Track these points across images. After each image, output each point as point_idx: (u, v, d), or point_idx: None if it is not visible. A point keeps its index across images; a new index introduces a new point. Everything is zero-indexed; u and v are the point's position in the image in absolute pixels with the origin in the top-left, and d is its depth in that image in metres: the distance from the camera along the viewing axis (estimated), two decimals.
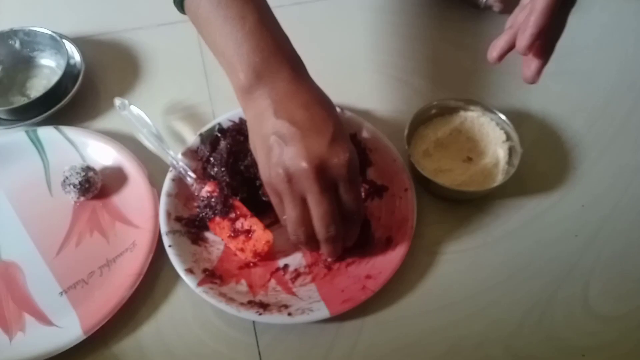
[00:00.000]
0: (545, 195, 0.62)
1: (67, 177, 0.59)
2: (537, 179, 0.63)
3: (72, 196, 0.59)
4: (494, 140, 0.62)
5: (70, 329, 0.52)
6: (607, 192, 0.63)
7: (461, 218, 0.61)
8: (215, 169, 0.59)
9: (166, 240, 0.56)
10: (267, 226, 0.58)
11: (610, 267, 0.58)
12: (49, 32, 0.69)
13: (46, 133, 0.64)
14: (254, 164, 0.58)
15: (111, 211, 0.61)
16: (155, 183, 0.60)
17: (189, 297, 0.55)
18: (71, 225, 0.60)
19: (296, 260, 0.57)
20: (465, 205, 0.61)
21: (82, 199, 0.60)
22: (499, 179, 0.60)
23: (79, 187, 0.58)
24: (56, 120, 0.66)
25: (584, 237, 0.60)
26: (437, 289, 0.56)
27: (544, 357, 0.53)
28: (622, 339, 0.54)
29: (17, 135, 0.64)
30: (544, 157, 0.65)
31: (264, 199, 0.58)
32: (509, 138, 0.62)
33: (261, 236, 0.56)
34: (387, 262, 0.55)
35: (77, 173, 0.59)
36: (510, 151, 0.61)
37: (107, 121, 0.68)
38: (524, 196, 0.62)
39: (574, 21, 0.78)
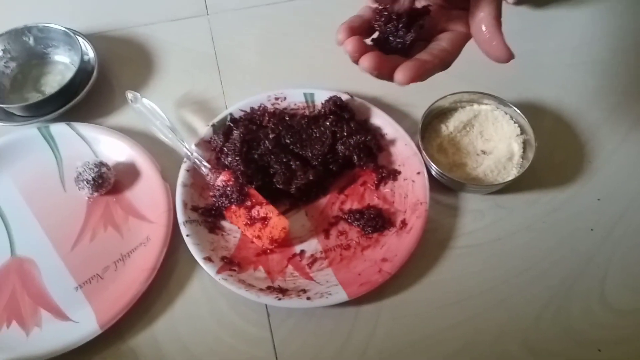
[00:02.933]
0: (560, 189, 0.62)
1: (80, 173, 0.59)
2: (552, 173, 0.63)
3: (85, 192, 0.60)
4: (508, 133, 0.62)
5: (86, 324, 0.53)
6: (623, 185, 0.62)
7: (475, 212, 0.60)
8: (229, 159, 0.60)
9: (184, 230, 0.56)
10: (283, 213, 0.58)
11: (627, 261, 0.57)
12: (63, 29, 0.69)
13: (59, 129, 0.64)
14: (267, 152, 0.59)
15: (124, 206, 0.61)
16: (167, 178, 0.61)
17: (204, 291, 0.56)
18: (85, 220, 0.60)
19: (312, 246, 0.58)
20: (479, 199, 0.61)
21: (95, 194, 0.60)
22: (514, 172, 0.59)
23: (92, 182, 0.59)
24: (70, 116, 0.66)
25: (600, 231, 0.59)
26: (452, 283, 0.56)
27: (560, 351, 0.52)
28: (639, 333, 0.53)
29: (29, 131, 0.64)
30: (558, 151, 0.64)
31: (279, 186, 0.59)
32: (523, 131, 0.61)
33: (277, 223, 0.57)
34: (402, 245, 0.56)
35: (90, 169, 0.59)
36: (525, 145, 0.61)
37: (120, 117, 0.68)
38: (538, 190, 0.62)
39: (589, 10, 0.77)
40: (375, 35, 0.44)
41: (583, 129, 0.66)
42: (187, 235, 0.56)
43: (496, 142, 0.62)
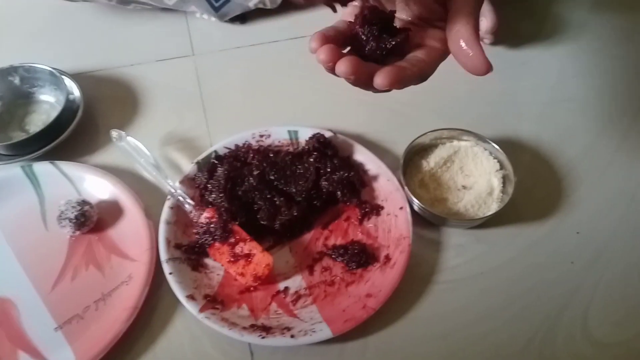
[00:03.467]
0: (540, 223, 0.63)
1: (62, 212, 0.59)
2: (531, 207, 0.64)
3: (67, 230, 0.59)
4: (487, 169, 0.63)
5: None
6: (601, 219, 0.63)
7: (457, 247, 0.61)
8: (213, 195, 0.60)
9: (166, 268, 0.56)
10: (266, 249, 0.58)
11: (608, 294, 0.58)
12: (49, 68, 0.70)
13: (42, 168, 0.64)
14: (251, 189, 0.59)
15: (107, 244, 0.61)
16: (151, 216, 0.61)
17: (187, 330, 0.55)
18: (67, 259, 0.59)
19: (296, 282, 0.58)
20: (461, 234, 0.62)
21: (77, 233, 0.60)
22: (494, 207, 0.60)
23: (74, 221, 0.59)
24: (55, 154, 0.66)
25: (581, 264, 0.60)
26: (437, 318, 0.56)
27: None
28: None
29: (13, 170, 0.64)
30: (538, 185, 0.66)
31: (262, 222, 0.59)
32: (502, 167, 0.63)
33: (261, 259, 0.57)
34: (386, 280, 0.56)
35: (73, 207, 0.59)
36: (504, 180, 0.62)
37: (105, 155, 0.68)
38: (519, 224, 0.62)
39: (565, 49, 0.80)
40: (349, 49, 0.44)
41: (561, 165, 0.68)
42: (170, 273, 0.56)
43: (476, 178, 0.63)
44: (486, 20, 0.75)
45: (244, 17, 0.83)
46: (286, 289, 0.57)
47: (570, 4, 0.87)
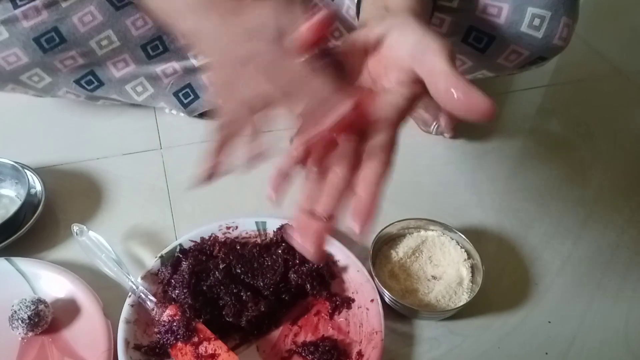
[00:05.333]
0: (511, 313, 0.62)
1: (15, 312, 0.56)
2: (501, 296, 0.64)
3: (19, 332, 0.56)
4: (455, 258, 0.63)
5: None
6: (571, 307, 0.63)
7: (431, 340, 0.59)
8: (177, 291, 0.58)
9: None
10: (232, 348, 0.56)
11: None
12: (11, 162, 0.69)
13: None
14: (217, 283, 0.57)
15: (61, 347, 0.57)
16: (110, 314, 0.58)
17: None
18: None
19: None
20: (434, 326, 0.60)
21: (30, 334, 0.56)
22: (465, 297, 0.60)
23: (27, 321, 0.55)
24: (12, 250, 0.64)
25: (554, 354, 0.59)
26: None
27: None
28: None
29: None
30: (505, 274, 0.66)
31: (228, 319, 0.56)
32: (470, 256, 0.63)
33: None
34: None
35: (27, 307, 0.56)
36: (473, 269, 0.62)
37: (65, 250, 0.66)
38: (490, 314, 0.62)
39: (520, 141, 0.84)
40: None
41: (526, 252, 0.69)
42: None
43: (445, 267, 0.63)
44: (445, 116, 0.79)
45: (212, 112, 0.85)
46: None
47: (521, 99, 0.93)
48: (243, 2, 0.40)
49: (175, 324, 0.55)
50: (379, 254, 0.64)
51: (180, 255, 0.62)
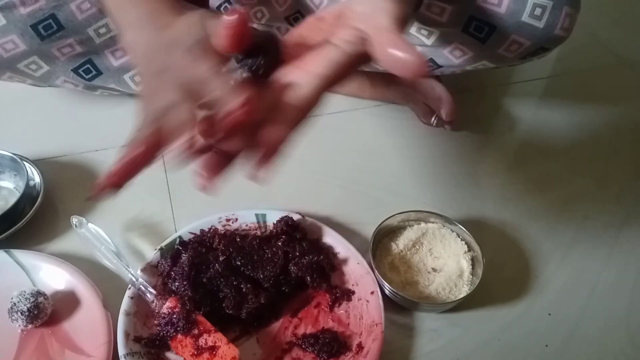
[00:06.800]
0: (511, 305, 0.62)
1: (15, 304, 0.56)
2: (502, 289, 0.63)
3: (19, 324, 0.56)
4: (456, 250, 0.63)
5: None
6: (571, 299, 0.63)
7: (431, 332, 0.59)
8: (177, 284, 0.58)
9: None
10: (232, 340, 0.56)
11: None
12: (10, 154, 0.69)
13: None
14: (217, 276, 0.57)
15: (60, 339, 0.57)
16: (110, 306, 0.58)
17: None
18: (16, 355, 0.55)
19: None
20: (434, 318, 0.60)
21: (29, 326, 0.56)
22: (465, 289, 0.60)
23: (27, 314, 0.55)
24: (12, 242, 0.64)
25: (555, 346, 0.59)
26: None
27: None
28: None
29: None
30: (506, 266, 0.66)
31: (228, 311, 0.56)
32: (470, 249, 0.63)
33: (226, 352, 0.54)
34: None
35: (26, 299, 0.56)
36: (473, 261, 0.62)
37: (64, 242, 0.66)
38: (491, 306, 0.62)
39: (520, 132, 0.84)
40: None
41: (527, 244, 0.68)
42: None
43: (445, 260, 0.63)
44: (445, 108, 0.78)
45: None
46: None
47: (522, 90, 0.92)
48: (178, 17, 0.42)
49: (175, 316, 0.55)
50: (379, 246, 0.64)
51: (180, 248, 0.62)
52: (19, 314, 0.55)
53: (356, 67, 0.39)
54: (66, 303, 0.59)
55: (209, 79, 0.38)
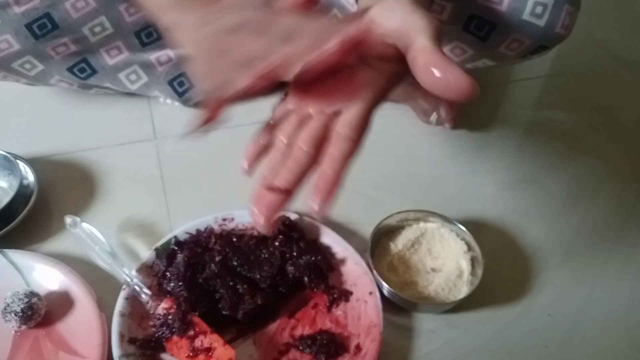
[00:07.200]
0: (511, 306, 0.62)
1: (8, 305, 0.55)
2: (501, 289, 0.63)
3: (12, 325, 0.55)
4: (455, 250, 0.62)
5: None
6: (570, 299, 0.63)
7: (429, 333, 0.59)
8: (172, 284, 0.57)
9: None
10: (229, 342, 0.55)
11: None
12: (3, 153, 0.68)
13: None
14: (213, 276, 0.57)
15: (54, 340, 0.56)
16: (104, 307, 0.57)
17: None
18: (10, 357, 0.55)
19: None
20: (432, 319, 0.60)
21: (23, 327, 0.56)
22: (464, 290, 0.59)
23: (20, 314, 0.54)
24: (5, 242, 0.63)
25: (554, 347, 0.58)
26: None
27: None
28: None
29: None
30: (505, 266, 0.65)
31: (224, 312, 0.56)
32: (470, 248, 0.62)
33: (222, 354, 0.53)
34: None
35: (20, 299, 0.55)
36: (473, 261, 0.61)
37: (58, 243, 0.65)
38: (490, 307, 0.61)
39: (519, 131, 0.83)
40: None
41: (527, 244, 0.68)
42: None
43: (445, 260, 0.62)
44: (445, 107, 0.78)
45: None
46: None
47: (521, 89, 0.92)
48: None
49: (170, 317, 0.54)
50: (377, 246, 0.63)
51: (176, 248, 0.61)
52: (13, 314, 0.55)
53: (396, 85, 0.39)
54: (60, 304, 0.58)
55: (304, 22, 0.36)
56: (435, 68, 0.34)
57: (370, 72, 0.38)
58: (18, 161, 0.69)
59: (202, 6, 0.39)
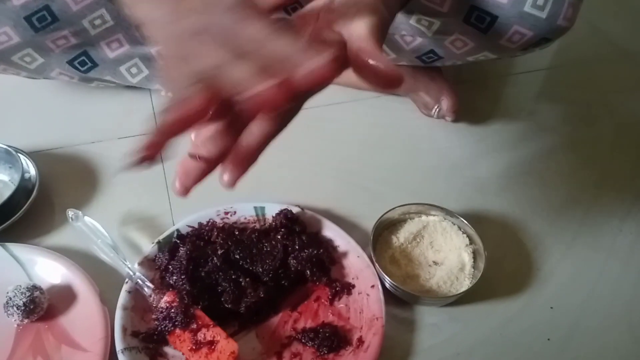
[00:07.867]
0: (513, 299, 0.62)
1: (10, 298, 0.55)
2: (503, 282, 0.63)
3: (15, 318, 0.55)
4: (457, 244, 0.62)
5: None
6: (573, 293, 0.63)
7: (432, 326, 0.59)
8: (175, 277, 0.57)
9: (122, 359, 0.52)
10: (231, 335, 0.55)
11: None
12: (4, 146, 0.68)
13: None
14: (215, 269, 0.57)
15: (57, 333, 0.56)
16: (107, 301, 0.57)
17: None
18: (12, 351, 0.55)
19: None
20: (435, 312, 0.60)
21: (25, 321, 0.56)
22: (466, 283, 0.59)
23: (23, 308, 0.54)
24: (6, 236, 0.63)
25: (557, 340, 0.58)
26: None
27: None
28: None
29: None
30: (507, 259, 0.65)
31: (227, 306, 0.56)
32: (472, 241, 0.62)
33: (225, 347, 0.53)
34: None
35: (22, 293, 0.55)
36: (475, 254, 0.61)
37: (60, 236, 0.65)
38: (492, 300, 0.61)
39: (522, 124, 0.83)
40: None
41: (529, 237, 0.68)
42: None
43: (446, 253, 0.62)
44: (446, 99, 0.77)
45: None
46: None
47: (522, 81, 0.91)
48: None
49: (173, 310, 0.54)
50: (379, 239, 0.63)
51: (178, 241, 0.61)
52: (15, 308, 0.55)
53: (340, 70, 0.36)
54: (62, 297, 0.58)
55: (269, 37, 0.34)
56: (366, 55, 0.35)
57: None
58: (19, 154, 0.69)
59: (173, 1, 0.37)
